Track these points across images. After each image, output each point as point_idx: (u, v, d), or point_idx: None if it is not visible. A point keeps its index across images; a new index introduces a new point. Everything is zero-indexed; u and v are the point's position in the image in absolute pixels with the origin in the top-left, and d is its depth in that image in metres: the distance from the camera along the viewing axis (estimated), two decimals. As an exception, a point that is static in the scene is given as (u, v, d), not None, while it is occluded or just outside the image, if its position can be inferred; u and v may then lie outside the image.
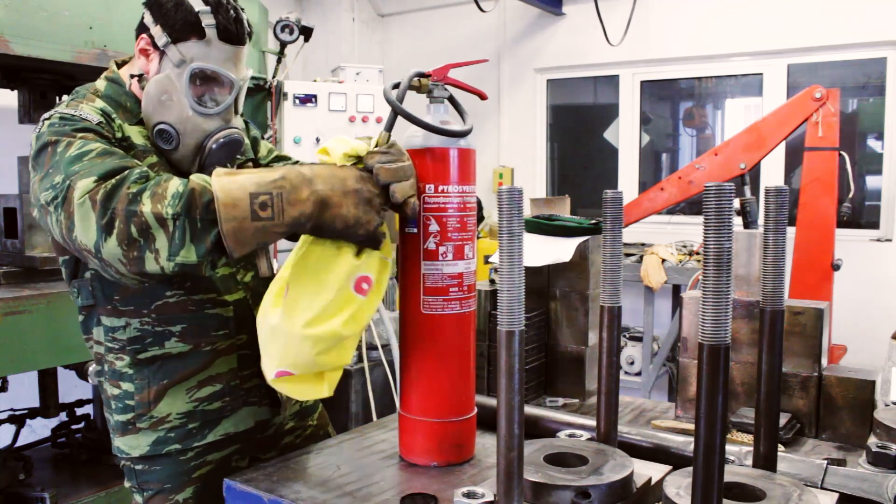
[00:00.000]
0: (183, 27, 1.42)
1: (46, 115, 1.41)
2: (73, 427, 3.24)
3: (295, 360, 1.29)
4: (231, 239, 1.21)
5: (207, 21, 1.42)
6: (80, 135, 1.34)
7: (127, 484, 1.57)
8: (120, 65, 1.56)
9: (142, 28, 1.47)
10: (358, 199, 1.25)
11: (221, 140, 1.46)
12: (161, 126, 1.44)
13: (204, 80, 1.46)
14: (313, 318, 1.26)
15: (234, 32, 1.45)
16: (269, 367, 1.33)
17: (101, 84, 1.52)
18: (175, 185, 1.22)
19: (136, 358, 1.47)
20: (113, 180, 1.23)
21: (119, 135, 1.43)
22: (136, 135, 1.47)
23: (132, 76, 1.49)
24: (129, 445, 1.51)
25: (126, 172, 1.25)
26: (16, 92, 3.01)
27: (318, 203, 1.23)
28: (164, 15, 1.42)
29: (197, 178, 1.24)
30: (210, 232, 1.20)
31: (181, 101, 1.44)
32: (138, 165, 1.31)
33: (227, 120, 1.50)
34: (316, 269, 1.29)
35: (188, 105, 1.44)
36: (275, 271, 1.52)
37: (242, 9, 1.50)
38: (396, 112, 1.31)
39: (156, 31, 1.43)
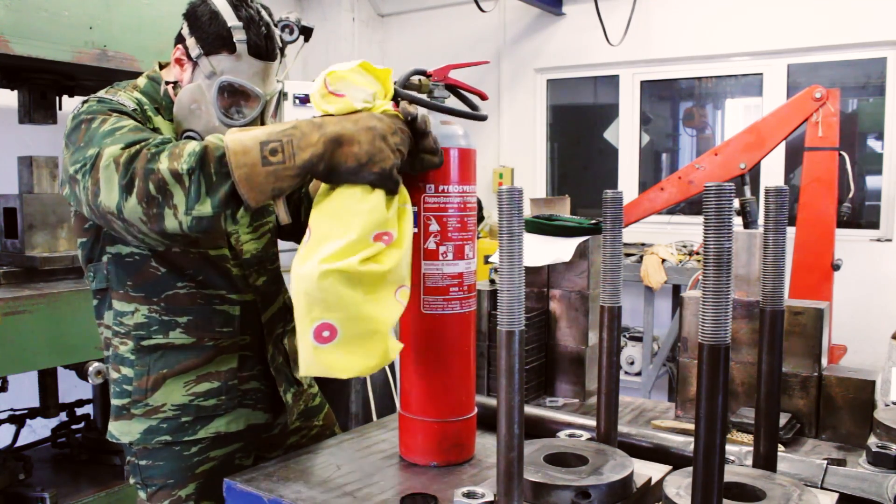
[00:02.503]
0: (215, 41, 1.46)
1: (84, 98, 1.46)
2: (73, 427, 3.24)
3: (324, 303, 1.17)
4: (244, 185, 1.19)
5: (239, 36, 1.46)
6: (115, 114, 1.39)
7: (132, 480, 1.60)
8: (162, 66, 1.62)
9: (179, 38, 1.52)
10: (373, 136, 1.21)
11: None
12: (189, 133, 1.49)
13: (232, 93, 1.50)
14: (330, 255, 1.17)
15: (263, 49, 1.49)
16: (304, 329, 1.18)
17: (141, 81, 1.58)
18: (192, 145, 1.23)
19: (140, 344, 1.51)
20: (137, 146, 1.26)
21: (151, 125, 1.48)
22: (165, 128, 1.52)
23: (167, 82, 1.54)
24: (121, 431, 1.54)
25: (150, 139, 1.28)
26: (16, 92, 3.01)
27: (329, 142, 1.20)
28: (199, 28, 1.47)
29: (212, 138, 1.25)
30: (224, 183, 1.20)
31: (209, 112, 1.48)
32: (166, 136, 1.35)
33: None
34: (339, 214, 1.23)
35: (215, 115, 1.48)
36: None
37: (276, 24, 1.54)
38: (403, 98, 1.29)
39: (190, 42, 1.48)
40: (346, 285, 1.17)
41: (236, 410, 1.59)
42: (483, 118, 1.38)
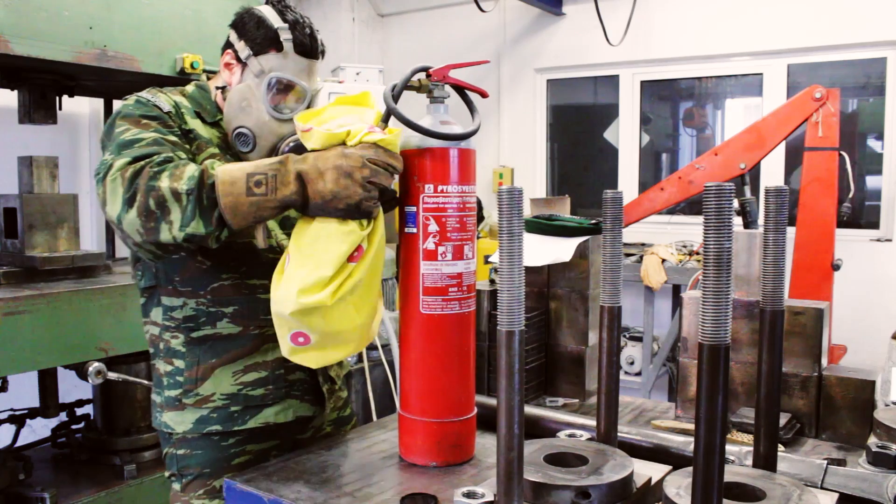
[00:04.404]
0: (264, 41, 1.57)
1: (127, 95, 1.57)
2: (73, 427, 3.24)
3: (298, 325, 1.33)
4: (229, 212, 1.31)
5: (285, 36, 1.57)
6: (144, 121, 1.49)
7: (167, 473, 1.67)
8: (209, 79, 1.72)
9: (227, 45, 1.64)
10: (338, 174, 1.28)
11: (292, 144, 1.57)
12: (240, 129, 1.58)
13: (280, 89, 1.59)
14: (306, 288, 1.28)
15: (308, 47, 1.59)
16: (282, 334, 1.37)
17: (189, 87, 1.68)
18: (191, 168, 1.34)
19: (190, 336, 1.60)
20: (143, 161, 1.36)
21: (186, 127, 1.58)
22: (203, 131, 1.61)
23: (217, 88, 1.66)
24: (175, 421, 1.61)
25: (154, 157, 1.38)
26: (16, 92, 3.01)
27: (298, 179, 1.30)
28: (247, 32, 1.59)
29: (208, 164, 1.35)
30: (214, 209, 1.31)
31: (259, 108, 1.58)
32: (170, 154, 1.43)
33: None
34: (315, 247, 1.32)
35: (265, 111, 1.57)
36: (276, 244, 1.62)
37: (318, 30, 1.64)
38: (396, 117, 1.33)
39: (239, 45, 1.60)
40: (317, 315, 1.31)
41: (285, 401, 1.65)
42: (466, 137, 1.35)
